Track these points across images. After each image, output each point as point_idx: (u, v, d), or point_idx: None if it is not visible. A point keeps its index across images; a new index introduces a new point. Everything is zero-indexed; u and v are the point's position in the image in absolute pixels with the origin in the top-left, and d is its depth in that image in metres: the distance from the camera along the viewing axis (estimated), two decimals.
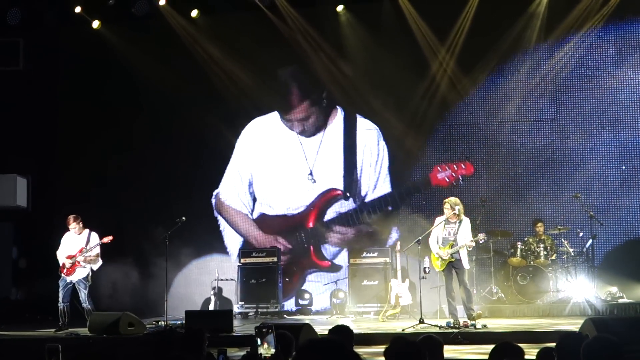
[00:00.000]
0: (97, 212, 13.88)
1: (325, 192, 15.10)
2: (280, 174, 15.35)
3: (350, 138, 15.17)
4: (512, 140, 14.66)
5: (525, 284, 13.30)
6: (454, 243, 11.13)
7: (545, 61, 14.59)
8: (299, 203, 15.22)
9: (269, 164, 15.44)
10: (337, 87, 15.13)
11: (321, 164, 15.21)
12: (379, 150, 15.01)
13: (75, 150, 15.71)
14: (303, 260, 15.08)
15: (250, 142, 15.58)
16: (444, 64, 14.69)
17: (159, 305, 14.27)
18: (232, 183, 15.53)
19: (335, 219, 15.02)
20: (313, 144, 15.32)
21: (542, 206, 14.26)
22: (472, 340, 10.09)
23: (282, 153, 15.40)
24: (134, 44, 15.25)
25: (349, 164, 15.08)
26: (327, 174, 15.17)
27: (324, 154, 15.23)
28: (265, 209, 15.40)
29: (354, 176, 15.03)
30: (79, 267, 11.91)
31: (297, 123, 15.42)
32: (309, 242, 15.04)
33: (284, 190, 15.30)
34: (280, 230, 15.19)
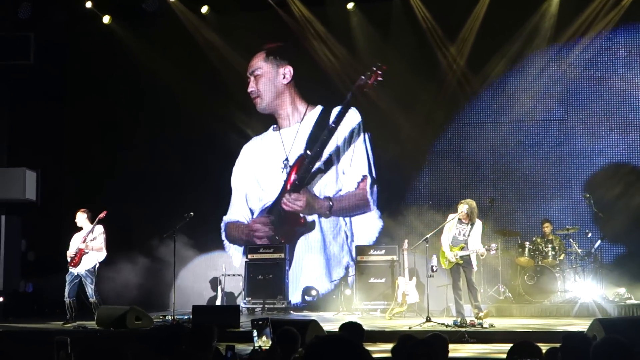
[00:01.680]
0: (105, 206, 13.82)
1: (295, 161, 15.19)
2: (267, 174, 15.42)
3: (324, 121, 15.22)
4: (521, 140, 14.61)
5: (532, 283, 13.26)
6: (464, 246, 11.09)
7: (555, 62, 14.53)
8: (279, 186, 15.32)
9: (258, 170, 15.51)
10: (346, 86, 15.09)
11: (297, 151, 15.27)
12: (354, 128, 14.99)
13: (84, 144, 15.74)
14: (283, 229, 15.11)
15: (243, 162, 15.61)
16: (453, 63, 14.65)
17: (166, 299, 14.32)
18: (234, 206, 15.56)
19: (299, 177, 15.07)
20: (291, 134, 15.39)
21: (550, 206, 14.20)
22: (479, 339, 10.05)
23: (267, 155, 15.46)
24: (143, 40, 15.27)
25: (314, 134, 15.16)
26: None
27: (300, 142, 15.30)
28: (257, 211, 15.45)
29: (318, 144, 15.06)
30: (84, 255, 11.87)
31: (282, 121, 15.50)
32: (284, 210, 15.07)
33: (269, 188, 15.36)
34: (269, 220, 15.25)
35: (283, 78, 15.42)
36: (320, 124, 15.25)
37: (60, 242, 12.95)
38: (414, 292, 12.78)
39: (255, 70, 15.48)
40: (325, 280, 14.74)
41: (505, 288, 13.40)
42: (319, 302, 14.58)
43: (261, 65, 15.50)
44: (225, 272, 14.53)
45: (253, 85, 15.47)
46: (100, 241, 11.96)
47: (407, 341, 5.03)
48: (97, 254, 11.97)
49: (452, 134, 14.85)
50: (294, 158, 15.29)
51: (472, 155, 14.70)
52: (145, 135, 15.65)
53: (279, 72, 15.45)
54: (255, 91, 15.48)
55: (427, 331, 9.42)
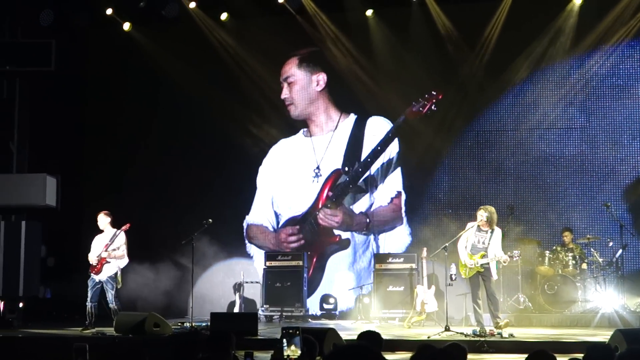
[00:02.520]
0: (125, 211, 13.92)
1: (328, 177, 15.14)
2: (296, 181, 15.38)
3: (359, 131, 15.15)
4: (541, 148, 14.53)
5: (553, 293, 13.17)
6: (485, 254, 11.03)
7: (576, 69, 14.45)
8: (311, 199, 15.26)
9: (287, 177, 15.47)
10: (364, 91, 15.07)
11: (329, 160, 15.23)
12: (388, 139, 14.91)
13: (103, 149, 15.83)
14: (315, 244, 15.06)
15: (271, 162, 15.59)
16: (472, 69, 14.60)
17: (185, 306, 14.34)
18: (258, 206, 15.57)
19: (334, 195, 14.99)
20: (323, 142, 15.33)
21: (571, 215, 14.11)
22: (498, 349, 10.00)
23: (297, 163, 15.42)
24: (163, 46, 15.34)
25: (351, 149, 15.08)
26: (332, 167, 15.20)
27: (332, 151, 15.26)
28: (283, 217, 15.43)
29: (357, 158, 14.99)
30: (105, 264, 11.96)
31: (315, 129, 15.42)
32: (319, 224, 15.01)
33: (299, 195, 15.32)
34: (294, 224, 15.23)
35: (317, 85, 15.37)
36: (355, 136, 15.12)
37: (80, 248, 13.02)
38: (432, 300, 12.73)
39: (289, 77, 15.43)
40: (351, 295, 14.63)
41: (525, 297, 13.31)
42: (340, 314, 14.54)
43: (294, 72, 15.46)
44: (244, 279, 14.53)
45: (287, 92, 15.43)
46: (122, 250, 12.05)
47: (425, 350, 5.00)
48: (119, 261, 12.06)
49: (472, 141, 14.80)
50: (325, 168, 15.18)
51: (493, 163, 14.63)
52: (165, 140, 15.71)
53: (313, 79, 15.40)
54: (288, 98, 15.44)
55: (446, 340, 9.38)
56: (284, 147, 15.62)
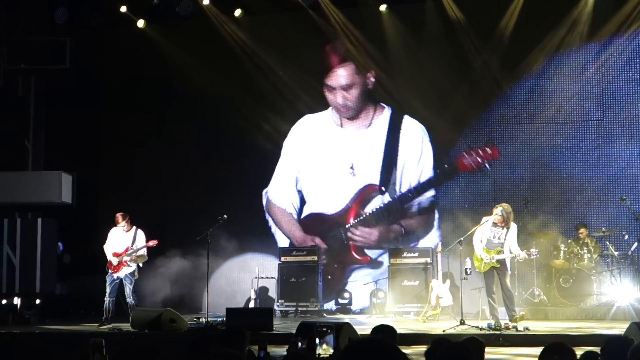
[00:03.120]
0: (140, 208, 14.01)
1: (363, 188, 15.05)
2: (324, 171, 15.32)
3: (394, 135, 15.05)
4: (556, 142, 14.47)
5: (568, 286, 13.14)
6: (501, 250, 11.02)
7: (592, 62, 14.38)
8: (340, 200, 15.17)
9: (315, 161, 15.41)
10: (380, 86, 15.06)
11: (363, 158, 15.14)
12: (423, 149, 14.89)
13: (118, 146, 15.89)
14: (343, 258, 15.04)
15: (298, 139, 15.56)
16: (487, 62, 14.54)
17: (200, 301, 14.41)
18: (280, 180, 15.56)
19: (372, 214, 14.91)
20: (357, 139, 15.24)
21: (586, 208, 14.07)
22: (513, 343, 10.01)
23: (327, 150, 15.35)
24: (177, 43, 15.37)
25: (388, 160, 14.97)
26: (368, 169, 15.08)
27: (366, 149, 15.15)
28: (310, 208, 15.39)
29: (393, 172, 14.90)
30: (125, 266, 12.07)
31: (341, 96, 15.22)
32: (349, 239, 14.99)
33: (327, 187, 15.27)
34: (321, 230, 15.14)
35: (369, 82, 15.15)
36: (391, 142, 14.92)
37: (96, 245, 13.09)
38: (447, 294, 12.73)
39: (346, 84, 15.14)
40: (366, 290, 14.61)
41: (540, 291, 13.29)
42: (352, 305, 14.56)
43: (353, 80, 15.13)
44: (259, 274, 14.58)
45: (342, 98, 15.14)
46: (143, 251, 12.16)
47: (440, 344, 5.00)
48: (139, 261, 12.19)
49: (487, 135, 14.76)
50: (359, 167, 15.06)
51: (507, 157, 14.58)
52: (179, 136, 15.75)
53: (366, 78, 15.14)
54: (347, 103, 15.19)
55: (461, 334, 9.40)
56: (312, 126, 15.47)
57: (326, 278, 14.63)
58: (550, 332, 10.87)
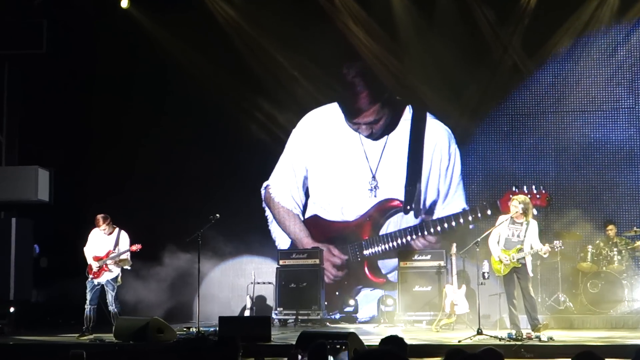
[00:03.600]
0: (126, 207, 14.01)
1: (383, 201, 15.04)
2: (339, 174, 15.35)
3: (417, 142, 15.04)
4: (584, 132, 14.50)
5: (596, 292, 13.15)
6: (521, 247, 10.99)
7: (622, 44, 14.39)
8: (355, 209, 15.20)
9: (327, 160, 15.45)
10: (391, 77, 15.04)
11: (385, 169, 15.15)
12: (450, 154, 14.90)
13: (101, 140, 15.87)
14: (356, 274, 15.07)
15: (308, 134, 15.58)
16: (508, 48, 14.52)
17: (190, 309, 14.42)
18: (284, 177, 15.60)
19: (394, 233, 14.90)
20: (377, 147, 15.24)
21: (617, 206, 14.10)
22: (536, 354, 10.00)
23: (342, 151, 15.39)
24: (167, 27, 15.31)
25: (413, 172, 14.97)
26: (391, 181, 15.09)
27: (388, 158, 15.17)
28: (318, 209, 15.42)
29: (418, 187, 14.90)
30: (106, 271, 12.07)
31: (365, 127, 15.32)
32: (363, 256, 14.98)
33: (341, 192, 15.30)
34: (331, 237, 15.15)
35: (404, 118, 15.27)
36: (414, 149, 14.99)
37: (76, 247, 13.08)
38: (463, 301, 12.72)
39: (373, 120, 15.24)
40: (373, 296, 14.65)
41: (565, 297, 13.31)
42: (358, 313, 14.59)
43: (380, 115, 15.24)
44: (255, 279, 14.58)
45: (368, 130, 15.25)
46: (127, 254, 12.16)
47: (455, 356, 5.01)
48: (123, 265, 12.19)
49: (507, 125, 14.76)
50: (380, 175, 15.11)
51: (530, 149, 14.58)
52: (169, 130, 15.72)
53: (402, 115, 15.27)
54: (372, 131, 15.28)
55: (479, 345, 9.39)
56: (323, 121, 15.51)
57: (333, 293, 14.72)
58: (576, 342, 10.86)
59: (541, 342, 10.56)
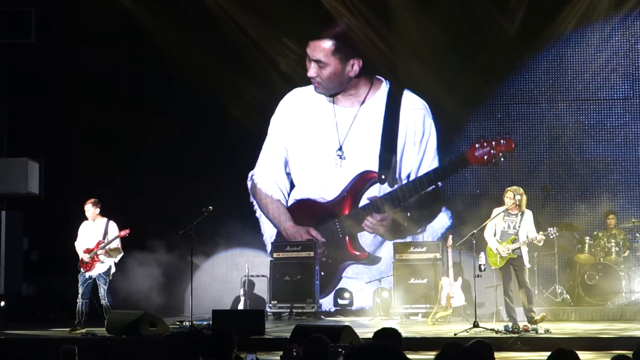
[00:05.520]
0: (117, 199, 13.97)
1: (359, 175, 15.07)
2: (314, 152, 15.33)
3: (392, 115, 15.05)
4: (580, 121, 14.51)
5: (594, 284, 13.17)
6: (516, 238, 11.03)
7: (618, 32, 14.38)
8: (333, 187, 15.21)
9: (304, 140, 15.42)
10: (380, 58, 14.99)
11: (354, 140, 15.16)
12: (425, 128, 14.90)
13: (91, 131, 15.82)
14: (338, 252, 15.08)
15: (286, 116, 15.55)
16: (502, 33, 14.50)
17: (183, 303, 14.42)
18: (267, 162, 15.57)
19: (371, 204, 14.93)
20: (348, 117, 15.24)
21: (613, 196, 14.09)
22: (533, 347, 10.03)
23: (317, 129, 15.35)
24: (156, 13, 15.24)
25: (387, 143, 14.97)
26: (360, 152, 15.11)
27: (359, 129, 15.16)
28: (300, 192, 15.40)
29: (393, 158, 14.92)
30: (98, 263, 12.05)
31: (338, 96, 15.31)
32: (344, 232, 15.01)
33: (317, 171, 15.30)
34: (313, 220, 15.16)
35: (351, 70, 15.16)
36: (389, 121, 14.96)
37: (67, 240, 13.06)
38: (459, 294, 12.76)
39: (320, 61, 15.16)
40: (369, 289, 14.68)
41: (562, 289, 13.34)
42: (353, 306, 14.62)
43: (327, 59, 15.16)
44: (249, 272, 14.59)
45: (315, 72, 15.20)
46: (117, 243, 12.14)
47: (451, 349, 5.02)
48: (114, 257, 12.17)
49: (502, 113, 14.77)
50: (349, 148, 15.08)
51: (525, 138, 14.60)
52: (159, 120, 15.64)
53: (347, 66, 15.13)
54: (317, 78, 15.26)
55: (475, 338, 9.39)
56: (301, 100, 15.46)
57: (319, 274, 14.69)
58: (573, 334, 10.91)
59: (538, 335, 10.61)
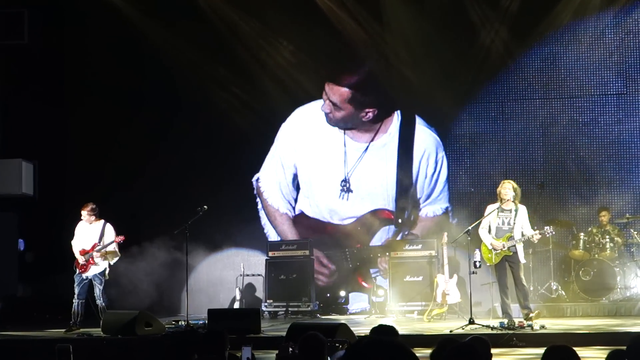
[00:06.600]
0: (112, 199, 13.95)
1: (375, 211, 15.02)
2: (321, 176, 15.34)
3: (407, 152, 14.97)
4: (573, 118, 14.51)
5: (588, 279, 13.17)
6: (511, 235, 11.04)
7: (611, 29, 14.39)
8: (342, 213, 15.18)
9: (312, 160, 15.42)
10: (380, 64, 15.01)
11: (360, 174, 15.13)
12: (437, 160, 14.87)
13: (86, 132, 15.78)
14: (346, 279, 15.04)
15: (297, 129, 15.52)
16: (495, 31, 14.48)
17: (179, 303, 14.41)
18: (273, 172, 15.58)
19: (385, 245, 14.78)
20: (357, 150, 15.22)
21: (607, 192, 14.10)
22: (528, 343, 10.03)
23: (326, 154, 15.35)
24: (152, 15, 15.22)
25: (403, 183, 14.91)
26: (366, 187, 15.07)
27: (366, 165, 15.13)
28: (306, 207, 15.40)
29: (408, 198, 14.87)
30: (93, 265, 12.03)
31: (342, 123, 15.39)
32: (355, 264, 14.98)
33: (324, 194, 15.29)
34: (319, 238, 15.04)
35: (365, 115, 15.17)
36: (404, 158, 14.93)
37: (62, 241, 13.03)
38: (455, 291, 12.76)
39: (336, 104, 15.22)
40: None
41: (557, 285, 13.34)
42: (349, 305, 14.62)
43: (344, 106, 15.22)
44: (244, 272, 14.59)
45: (329, 109, 15.26)
46: (113, 246, 12.11)
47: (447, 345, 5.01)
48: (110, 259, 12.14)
49: (495, 111, 14.78)
50: (354, 180, 15.08)
51: (519, 135, 14.60)
52: (155, 120, 15.64)
53: (362, 111, 15.15)
54: (330, 115, 15.29)
55: (470, 334, 9.40)
56: (314, 117, 15.45)
57: (323, 294, 14.79)
58: (569, 330, 10.90)
59: (533, 331, 10.61)
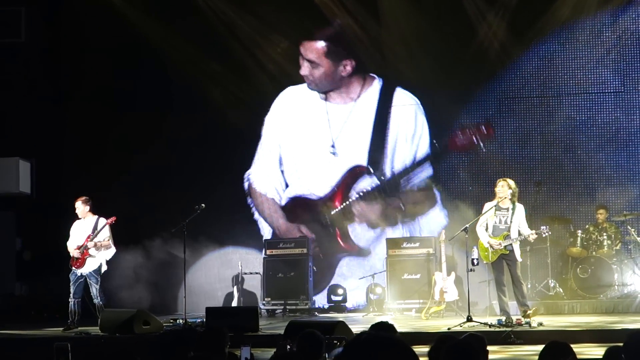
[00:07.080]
0: (110, 198, 13.93)
1: (349, 170, 15.13)
2: (307, 149, 15.39)
3: (384, 111, 15.12)
4: (571, 116, 14.51)
5: (586, 277, 13.19)
6: (508, 233, 11.04)
7: (609, 27, 14.39)
8: (325, 184, 15.25)
9: (296, 137, 15.47)
10: (372, 55, 15.00)
11: (347, 136, 15.22)
12: (417, 124, 14.95)
13: (83, 130, 15.77)
14: (330, 247, 15.10)
15: (279, 114, 15.60)
16: (492, 29, 14.49)
17: (177, 301, 14.41)
18: (262, 161, 15.60)
19: (361, 197, 14.94)
20: (341, 114, 15.29)
21: (605, 190, 14.12)
22: (526, 340, 10.02)
23: (310, 126, 15.40)
24: (147, 11, 15.20)
25: (377, 138, 15.04)
26: (352, 148, 15.15)
27: (351, 126, 15.20)
28: (293, 190, 15.42)
29: (383, 152, 14.97)
30: (89, 257, 11.99)
31: (332, 93, 15.39)
32: (334, 225, 15.02)
33: (310, 168, 15.36)
34: (306, 216, 15.17)
35: (343, 69, 15.25)
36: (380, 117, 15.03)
37: (60, 240, 13.02)
38: (452, 288, 12.77)
39: (313, 61, 15.26)
40: (362, 285, 14.68)
41: (555, 282, 13.35)
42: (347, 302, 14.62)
43: (321, 61, 15.27)
44: (242, 270, 14.59)
45: (307, 71, 15.30)
46: (104, 236, 12.06)
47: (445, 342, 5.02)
48: (106, 253, 12.10)
49: (493, 109, 14.77)
50: (342, 145, 15.15)
51: (516, 133, 14.60)
52: (152, 118, 15.62)
53: (340, 66, 15.22)
54: (309, 76, 15.34)
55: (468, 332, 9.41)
56: (295, 98, 15.51)
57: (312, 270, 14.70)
58: (566, 327, 10.92)
59: (531, 328, 10.61)
